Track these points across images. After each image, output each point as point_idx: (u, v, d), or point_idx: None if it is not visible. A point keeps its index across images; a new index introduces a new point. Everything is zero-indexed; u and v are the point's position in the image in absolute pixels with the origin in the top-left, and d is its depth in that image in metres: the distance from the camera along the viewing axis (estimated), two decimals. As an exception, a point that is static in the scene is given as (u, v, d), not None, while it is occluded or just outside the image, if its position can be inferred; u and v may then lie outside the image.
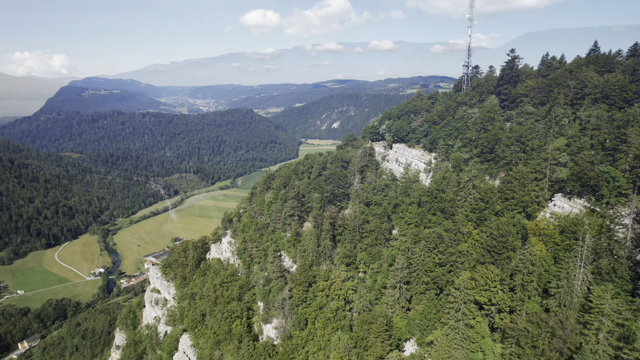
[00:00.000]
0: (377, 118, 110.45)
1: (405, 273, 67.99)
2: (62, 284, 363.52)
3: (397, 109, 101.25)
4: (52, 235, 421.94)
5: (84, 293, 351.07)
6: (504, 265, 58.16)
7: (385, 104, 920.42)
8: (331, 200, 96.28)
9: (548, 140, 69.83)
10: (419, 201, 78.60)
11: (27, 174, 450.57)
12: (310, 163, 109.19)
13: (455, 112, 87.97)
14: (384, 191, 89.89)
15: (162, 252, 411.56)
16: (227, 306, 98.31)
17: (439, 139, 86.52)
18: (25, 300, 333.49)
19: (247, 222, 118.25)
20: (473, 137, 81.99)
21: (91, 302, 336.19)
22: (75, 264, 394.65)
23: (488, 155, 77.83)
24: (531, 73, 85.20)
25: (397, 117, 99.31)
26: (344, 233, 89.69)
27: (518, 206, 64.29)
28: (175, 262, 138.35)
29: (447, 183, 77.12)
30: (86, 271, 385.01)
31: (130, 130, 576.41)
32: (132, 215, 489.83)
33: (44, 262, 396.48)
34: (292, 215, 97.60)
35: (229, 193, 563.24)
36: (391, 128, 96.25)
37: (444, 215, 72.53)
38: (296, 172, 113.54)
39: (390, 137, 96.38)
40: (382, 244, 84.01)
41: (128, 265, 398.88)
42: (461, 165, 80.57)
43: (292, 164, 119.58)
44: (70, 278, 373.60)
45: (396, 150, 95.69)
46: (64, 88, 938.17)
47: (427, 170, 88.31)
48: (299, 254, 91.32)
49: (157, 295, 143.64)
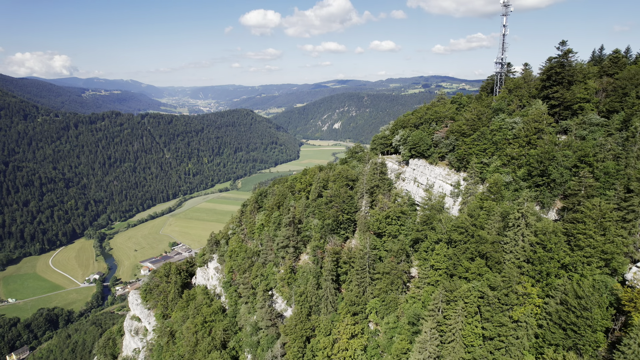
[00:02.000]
0: (388, 126, 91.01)
1: (436, 346, 48.81)
2: (55, 292, 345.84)
3: (415, 115, 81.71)
4: (46, 240, 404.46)
5: (78, 301, 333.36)
6: (590, 354, 38.88)
7: (387, 103, 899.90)
8: (334, 229, 77.01)
9: (630, 161, 50.46)
10: (448, 238, 59.40)
11: (22, 176, 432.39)
12: (308, 180, 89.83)
13: (490, 122, 68.81)
14: (399, 220, 70.61)
15: (159, 257, 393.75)
16: (208, 356, 79.45)
17: (471, 156, 67.39)
18: (16, 309, 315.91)
19: (236, 247, 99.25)
20: (516, 153, 62.87)
21: (84, 311, 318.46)
22: (70, 270, 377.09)
23: (538, 179, 58.63)
24: (590, 71, 65.82)
25: (414, 126, 79.89)
26: (349, 272, 70.46)
27: (596, 257, 44.94)
28: (157, 288, 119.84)
29: (486, 216, 57.80)
30: (81, 277, 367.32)
31: (129, 132, 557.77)
32: (129, 219, 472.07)
33: (38, 268, 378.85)
34: (287, 247, 78.40)
35: (229, 195, 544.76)
36: (407, 140, 76.71)
37: (486, 263, 53.23)
38: (292, 189, 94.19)
39: (406, 150, 76.87)
40: (399, 290, 64.78)
41: (124, 271, 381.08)
42: (502, 191, 61.38)
43: (287, 180, 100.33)
44: (64, 285, 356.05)
45: (414, 167, 76.14)
46: (63, 89, 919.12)
47: (454, 194, 69.00)
48: (295, 296, 72.12)
49: (137, 323, 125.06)
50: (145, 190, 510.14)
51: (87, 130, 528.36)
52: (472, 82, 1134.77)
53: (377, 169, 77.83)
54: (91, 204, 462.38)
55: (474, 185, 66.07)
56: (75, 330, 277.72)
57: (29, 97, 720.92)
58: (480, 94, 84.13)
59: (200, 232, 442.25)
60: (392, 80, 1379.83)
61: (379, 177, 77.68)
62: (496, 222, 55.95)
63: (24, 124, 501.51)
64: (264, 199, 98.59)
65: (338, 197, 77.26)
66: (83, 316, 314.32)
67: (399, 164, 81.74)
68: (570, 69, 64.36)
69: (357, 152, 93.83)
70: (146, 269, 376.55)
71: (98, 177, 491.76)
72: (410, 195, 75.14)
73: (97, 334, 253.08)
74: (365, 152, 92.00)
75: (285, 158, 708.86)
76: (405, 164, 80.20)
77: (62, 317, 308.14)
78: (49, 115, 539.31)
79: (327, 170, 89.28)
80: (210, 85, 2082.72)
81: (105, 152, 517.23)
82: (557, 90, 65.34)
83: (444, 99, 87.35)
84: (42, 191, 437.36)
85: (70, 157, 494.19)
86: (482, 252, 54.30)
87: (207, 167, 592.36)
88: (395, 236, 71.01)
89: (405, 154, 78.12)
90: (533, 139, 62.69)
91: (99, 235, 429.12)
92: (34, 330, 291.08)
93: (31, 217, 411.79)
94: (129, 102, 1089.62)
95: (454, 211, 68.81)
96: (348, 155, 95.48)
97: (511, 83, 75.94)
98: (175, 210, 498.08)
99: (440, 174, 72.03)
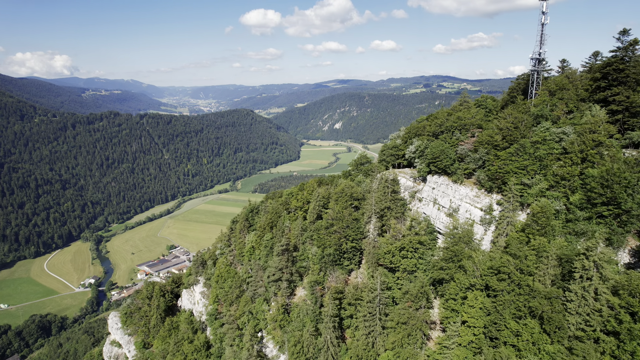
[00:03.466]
0: (399, 133, 76.35)
1: None
2: (49, 297, 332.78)
3: (433, 122, 67.07)
4: (42, 243, 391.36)
5: (72, 306, 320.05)
6: None
7: (389, 103, 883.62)
8: (336, 260, 62.90)
9: None
10: (484, 284, 45.38)
11: (18, 178, 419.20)
12: (305, 196, 75.68)
13: (531, 131, 54.68)
14: (417, 252, 56.56)
15: (157, 261, 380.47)
16: (186, 409, 65.70)
17: (507, 174, 53.36)
18: (8, 315, 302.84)
19: (223, 271, 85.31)
20: (567, 173, 48.86)
21: (78, 317, 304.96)
22: (65, 274, 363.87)
23: (603, 209, 44.61)
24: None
25: (432, 135, 65.58)
26: (356, 316, 56.47)
27: None
28: (138, 312, 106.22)
29: (535, 257, 43.67)
30: (76, 282, 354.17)
31: (127, 132, 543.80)
32: (127, 221, 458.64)
33: (32, 272, 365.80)
34: (279, 280, 64.35)
35: (228, 197, 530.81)
36: (425, 152, 62.39)
37: (541, 326, 39.15)
38: (287, 206, 80.00)
39: (423, 165, 62.56)
40: (417, 343, 50.73)
41: (120, 275, 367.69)
42: (551, 221, 47.37)
43: (282, 194, 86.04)
44: (58, 290, 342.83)
45: (434, 185, 61.82)
46: (63, 89, 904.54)
47: (486, 221, 54.87)
48: (288, 345, 58.12)
49: (117, 349, 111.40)
50: (144, 191, 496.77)
51: (84, 130, 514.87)
52: (473, 82, 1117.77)
53: (388, 187, 63.56)
54: (88, 206, 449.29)
55: (512, 212, 51.81)
56: (67, 339, 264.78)
57: (27, 97, 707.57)
58: (511, 96, 69.63)
59: (199, 235, 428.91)
60: (393, 80, 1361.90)
61: (391, 196, 63.41)
62: (551, 268, 41.75)
63: (21, 125, 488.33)
64: (255, 215, 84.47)
65: (341, 220, 63.11)
66: (77, 322, 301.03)
67: (414, 180, 67.38)
68: (637, 65, 49.94)
69: (363, 164, 79.19)
70: (143, 272, 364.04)
71: (95, 178, 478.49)
72: (430, 220, 60.89)
73: (89, 344, 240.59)
74: (372, 164, 77.45)
75: (286, 159, 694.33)
76: (422, 180, 65.85)
77: (55, 323, 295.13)
78: (46, 116, 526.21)
79: (328, 185, 75.00)
80: (211, 85, 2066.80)
81: (103, 153, 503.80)
82: (619, 92, 50.99)
83: (468, 102, 72.89)
84: (38, 193, 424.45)
85: (67, 158, 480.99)
86: (534, 310, 40.10)
87: (206, 168, 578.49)
88: (412, 272, 56.91)
89: (422, 169, 63.70)
90: (590, 154, 48.38)
91: (96, 238, 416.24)
92: (26, 338, 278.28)
93: (26, 220, 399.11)
94: (130, 102, 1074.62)
95: (486, 243, 54.59)
96: (352, 168, 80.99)
97: (552, 83, 61.47)
98: (174, 212, 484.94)
99: (467, 195, 57.75)
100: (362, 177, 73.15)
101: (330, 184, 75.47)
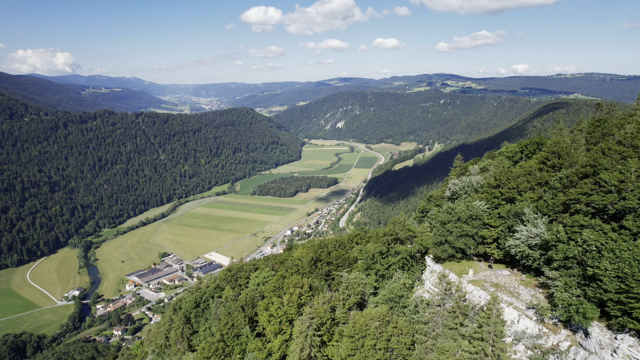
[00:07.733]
0: (469, 180, 35.94)
1: None
2: (28, 311, 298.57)
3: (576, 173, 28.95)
4: (25, 250, 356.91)
5: (52, 322, 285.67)
6: None
7: (392, 102, 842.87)
8: None
9: None
10: None
11: (3, 180, 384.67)
12: (285, 311, 37.84)
13: None
14: None
15: (147, 270, 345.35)
16: None
17: None
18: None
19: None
20: None
21: (58, 335, 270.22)
22: (48, 285, 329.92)
23: None
24: None
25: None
26: None
27: None
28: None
29: None
30: (59, 294, 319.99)
31: (122, 132, 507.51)
32: (119, 225, 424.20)
33: (13, 282, 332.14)
34: None
35: (226, 199, 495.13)
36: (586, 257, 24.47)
37: None
38: (252, 317, 42.33)
39: (574, 294, 23.95)
40: None
41: (108, 286, 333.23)
42: None
43: (249, 277, 49.05)
44: (39, 303, 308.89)
45: (614, 349, 22.88)
46: (62, 86, 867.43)
47: None
48: None
49: None
50: (138, 194, 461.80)
51: (77, 130, 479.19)
52: (478, 80, 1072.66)
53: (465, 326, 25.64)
54: (78, 210, 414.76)
55: None
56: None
57: (25, 94, 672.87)
58: None
59: (194, 241, 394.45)
60: (396, 79, 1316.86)
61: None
62: None
63: (10, 124, 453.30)
64: (204, 312, 47.15)
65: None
66: (55, 342, 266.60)
67: (540, 316, 28.81)
68: None
69: (396, 239, 37.52)
70: (132, 283, 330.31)
71: (87, 180, 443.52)
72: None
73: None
74: (415, 255, 36.34)
75: (287, 159, 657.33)
76: (567, 327, 27.31)
77: (30, 344, 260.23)
78: (38, 114, 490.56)
79: (326, 296, 36.57)
80: (213, 83, 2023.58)
81: (95, 154, 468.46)
82: None
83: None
84: (24, 196, 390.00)
85: (57, 158, 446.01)
86: None
87: (204, 169, 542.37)
88: None
89: (572, 307, 25.29)
90: None
91: (85, 244, 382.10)
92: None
93: (10, 225, 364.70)
94: (130, 100, 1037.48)
95: None
96: (375, 255, 37.89)
97: None
98: (169, 216, 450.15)
99: None
100: (400, 274, 34.54)
101: (331, 298, 36.46)
